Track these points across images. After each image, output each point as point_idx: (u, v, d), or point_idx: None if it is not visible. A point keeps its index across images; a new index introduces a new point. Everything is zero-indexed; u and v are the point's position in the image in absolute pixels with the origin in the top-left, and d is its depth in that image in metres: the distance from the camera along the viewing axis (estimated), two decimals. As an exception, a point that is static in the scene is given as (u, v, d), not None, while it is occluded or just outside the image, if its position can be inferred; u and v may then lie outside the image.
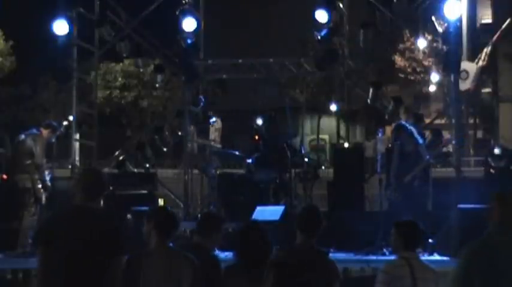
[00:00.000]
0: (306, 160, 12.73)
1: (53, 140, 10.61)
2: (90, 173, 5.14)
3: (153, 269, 5.04)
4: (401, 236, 5.53)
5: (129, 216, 10.04)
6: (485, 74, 27.21)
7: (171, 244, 5.21)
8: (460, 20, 13.23)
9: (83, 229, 4.68)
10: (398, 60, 30.26)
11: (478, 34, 27.33)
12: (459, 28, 13.95)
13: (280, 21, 32.36)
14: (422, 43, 21.69)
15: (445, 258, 9.00)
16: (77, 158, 18.51)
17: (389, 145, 12.96)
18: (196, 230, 5.73)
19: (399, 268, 5.39)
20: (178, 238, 5.55)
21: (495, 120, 30.39)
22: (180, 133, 13.85)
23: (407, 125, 10.25)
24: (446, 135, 15.63)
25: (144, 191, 11.38)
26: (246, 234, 5.27)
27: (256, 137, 12.60)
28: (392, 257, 5.74)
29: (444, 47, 12.16)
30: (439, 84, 28.60)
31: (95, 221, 4.74)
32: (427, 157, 9.97)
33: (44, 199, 10.04)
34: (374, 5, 12.42)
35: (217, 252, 8.84)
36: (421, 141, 10.09)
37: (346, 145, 19.76)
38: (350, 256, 9.28)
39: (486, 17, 31.07)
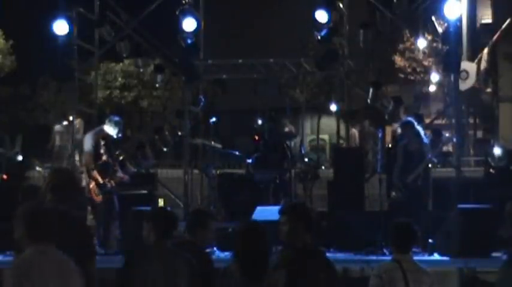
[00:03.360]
0: (306, 160, 12.73)
1: (118, 135, 10.32)
2: (59, 174, 5.04)
3: (151, 269, 5.04)
4: (394, 238, 5.48)
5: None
6: (486, 74, 27.21)
7: (168, 244, 5.22)
8: (460, 20, 13.24)
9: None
10: (398, 60, 30.21)
11: (478, 34, 27.31)
12: (459, 28, 13.97)
13: (280, 21, 32.32)
14: (422, 43, 21.73)
15: (445, 258, 9.00)
16: (77, 158, 18.49)
17: (389, 145, 12.95)
18: (185, 227, 5.74)
19: (391, 271, 5.32)
20: (176, 238, 5.55)
21: (495, 120, 30.35)
22: (180, 133, 13.84)
23: (415, 123, 10.18)
24: (446, 135, 15.59)
25: (144, 191, 11.36)
26: (244, 234, 5.26)
27: (256, 137, 12.59)
28: (389, 258, 5.70)
29: (444, 47, 12.16)
30: (439, 84, 28.58)
31: (65, 223, 4.64)
32: (429, 155, 9.96)
33: (98, 199, 9.88)
34: (374, 5, 12.43)
35: (217, 252, 8.90)
36: (426, 141, 10.06)
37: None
38: (350, 256, 9.28)
39: (486, 17, 31.03)
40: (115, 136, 10.23)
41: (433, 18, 22.62)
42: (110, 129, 10.17)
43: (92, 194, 9.85)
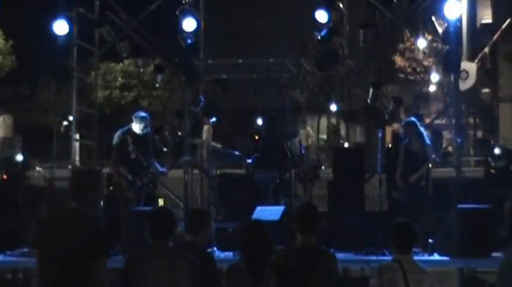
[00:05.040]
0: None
1: (145, 131, 10.14)
2: (75, 174, 5.11)
3: (152, 269, 5.03)
4: (394, 238, 5.47)
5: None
6: (485, 74, 27.24)
7: (170, 244, 5.21)
8: (460, 20, 13.23)
9: (64, 231, 4.70)
10: (398, 60, 30.26)
11: (478, 34, 27.33)
12: (459, 28, 13.95)
13: (280, 21, 32.34)
14: (422, 43, 21.72)
15: (445, 258, 9.00)
16: (77, 158, 18.50)
17: (389, 145, 12.95)
18: (185, 228, 5.73)
19: (392, 271, 5.30)
20: (178, 238, 5.55)
21: (495, 120, 30.40)
22: (180, 133, 13.83)
23: (418, 123, 10.17)
24: (446, 135, 15.60)
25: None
26: (248, 233, 5.27)
27: (256, 137, 12.59)
28: (389, 258, 5.70)
29: (444, 47, 12.15)
30: (439, 84, 28.62)
31: (75, 223, 4.72)
32: (433, 156, 9.94)
33: (130, 196, 9.85)
34: (374, 5, 12.41)
35: (217, 252, 8.90)
36: (428, 142, 10.04)
37: (346, 144, 19.71)
38: (350, 256, 9.27)
39: (486, 17, 31.09)
40: (140, 132, 10.16)
41: (433, 18, 22.64)
42: (136, 127, 10.13)
43: (123, 191, 9.83)
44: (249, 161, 11.87)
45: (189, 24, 12.32)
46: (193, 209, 7.38)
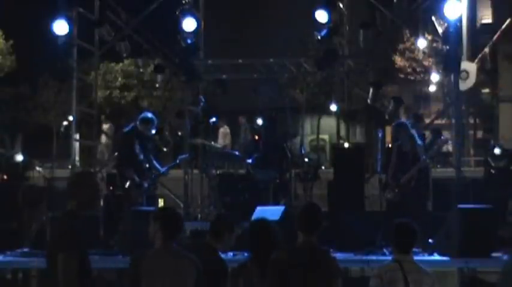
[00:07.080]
0: (306, 160, 12.72)
1: (148, 133, 10.17)
2: (70, 175, 5.30)
3: (157, 269, 5.04)
4: (394, 238, 5.47)
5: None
6: (485, 74, 27.24)
7: (174, 245, 5.22)
8: (460, 20, 13.25)
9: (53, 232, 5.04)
10: (398, 60, 30.21)
11: (478, 34, 27.32)
12: (459, 28, 13.98)
13: (280, 21, 32.30)
14: (422, 43, 21.68)
15: (445, 258, 9.00)
16: (77, 158, 18.50)
17: (389, 145, 12.96)
18: (210, 231, 5.74)
19: (392, 272, 5.31)
20: (180, 239, 5.56)
21: (495, 120, 30.37)
22: (180, 133, 13.83)
23: (408, 125, 10.21)
24: (446, 135, 15.61)
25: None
26: (258, 233, 5.30)
27: (256, 137, 12.59)
28: (389, 258, 5.70)
29: (444, 47, 12.16)
30: (439, 84, 28.61)
31: (56, 222, 4.95)
32: (423, 157, 9.98)
33: (135, 197, 9.85)
34: (374, 5, 12.43)
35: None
36: (420, 142, 10.07)
37: (346, 145, 19.72)
38: (350, 256, 9.27)
39: (486, 17, 31.04)
40: (146, 133, 10.15)
41: (433, 18, 22.60)
42: (142, 128, 10.14)
43: (128, 192, 9.84)
44: (249, 161, 11.88)
45: (189, 24, 12.33)
46: (221, 214, 7.42)
